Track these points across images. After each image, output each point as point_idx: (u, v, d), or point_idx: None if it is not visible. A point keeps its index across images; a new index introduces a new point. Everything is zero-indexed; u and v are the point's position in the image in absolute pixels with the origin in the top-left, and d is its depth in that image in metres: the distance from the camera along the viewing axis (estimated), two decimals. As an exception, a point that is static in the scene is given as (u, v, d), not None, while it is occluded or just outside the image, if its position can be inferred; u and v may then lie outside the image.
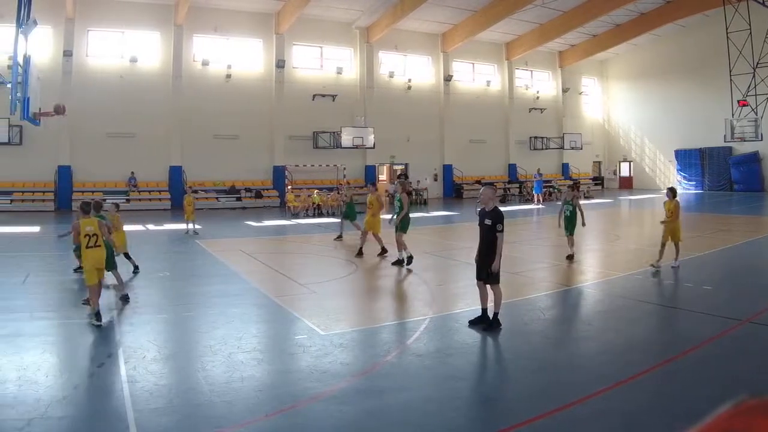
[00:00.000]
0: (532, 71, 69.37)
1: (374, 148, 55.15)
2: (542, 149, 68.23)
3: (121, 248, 18.66)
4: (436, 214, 44.89)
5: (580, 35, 63.84)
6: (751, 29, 50.69)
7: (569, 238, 21.96)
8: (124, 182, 47.17)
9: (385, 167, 61.39)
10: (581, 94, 73.76)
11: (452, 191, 62.15)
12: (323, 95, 54.88)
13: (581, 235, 23.25)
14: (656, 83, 68.48)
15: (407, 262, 20.93)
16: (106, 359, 11.17)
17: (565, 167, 70.63)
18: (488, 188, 13.56)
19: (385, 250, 23.35)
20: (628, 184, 74.20)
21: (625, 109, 74.06)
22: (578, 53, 68.13)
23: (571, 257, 21.66)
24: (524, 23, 58.98)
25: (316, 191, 45.38)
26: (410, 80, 60.20)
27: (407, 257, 21.03)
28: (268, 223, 38.01)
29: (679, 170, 68.17)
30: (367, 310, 15.96)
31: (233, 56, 51.45)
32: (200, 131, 49.48)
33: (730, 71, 52.10)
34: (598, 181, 74.23)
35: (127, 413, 8.66)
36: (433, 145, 61.45)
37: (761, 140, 52.41)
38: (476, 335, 12.72)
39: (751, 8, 50.14)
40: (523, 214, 44.31)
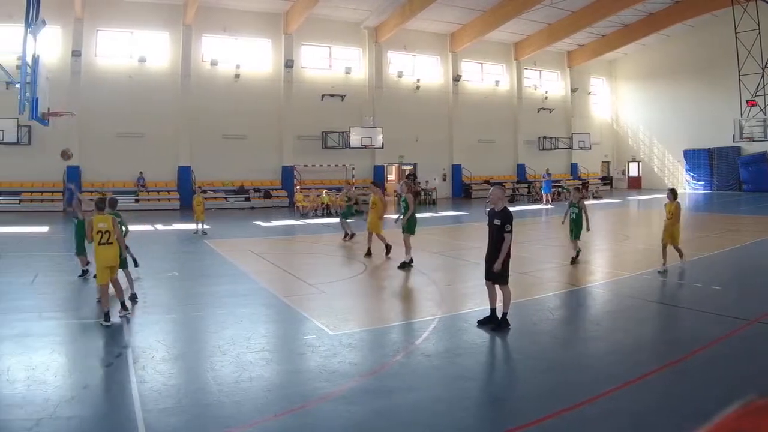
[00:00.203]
0: (540, 71, 69.33)
1: (383, 148, 55.15)
2: (551, 149, 68.19)
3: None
4: (444, 214, 44.85)
5: (588, 35, 63.73)
6: (759, 29, 50.54)
7: (573, 242, 21.63)
8: (132, 182, 47.31)
9: (393, 167, 61.45)
10: (590, 94, 73.69)
11: (461, 191, 62.11)
12: (332, 95, 54.94)
13: (590, 234, 23.12)
14: (665, 83, 68.36)
15: (403, 265, 20.84)
16: (114, 359, 11.18)
17: (573, 167, 70.52)
18: (497, 188, 13.54)
19: (388, 248, 23.32)
20: (636, 184, 74.11)
21: (633, 109, 73.95)
22: (587, 53, 68.03)
23: (575, 260, 21.28)
24: (533, 23, 58.94)
25: (325, 191, 45.38)
26: (419, 80, 60.18)
27: (408, 260, 20.98)
28: (276, 223, 38.03)
29: (687, 170, 68.09)
30: (375, 310, 15.95)
31: (242, 56, 51.51)
32: (209, 131, 49.54)
33: (738, 71, 51.98)
34: (606, 181, 74.15)
35: (135, 413, 8.66)
36: (441, 145, 61.44)
37: (770, 140, 52.37)
38: (485, 335, 12.71)
39: (760, 8, 50.05)
40: (532, 214, 44.24)
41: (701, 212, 45.00)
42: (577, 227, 21.48)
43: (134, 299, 15.53)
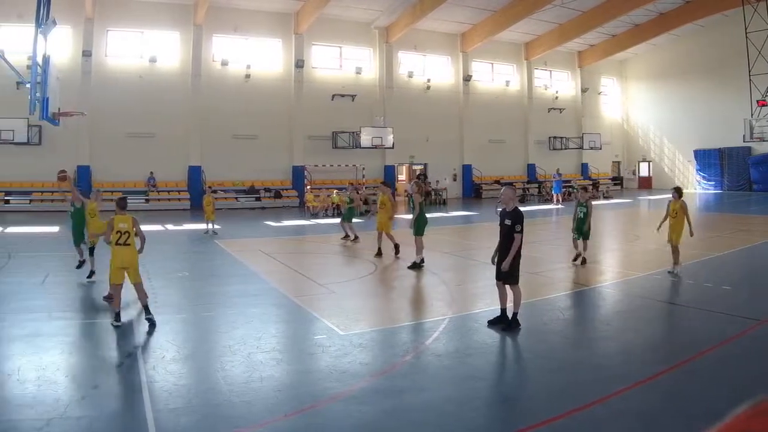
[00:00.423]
0: (551, 71, 69.22)
1: (393, 148, 55.13)
2: (561, 149, 68.09)
3: (94, 239, 18.53)
4: (455, 214, 44.80)
5: (599, 35, 63.60)
6: (770, 29, 50.48)
7: (583, 242, 21.27)
8: (143, 182, 47.39)
9: (404, 167, 61.42)
10: (600, 94, 73.54)
11: (471, 191, 62.05)
12: (342, 95, 54.94)
13: (601, 234, 23.08)
14: (675, 83, 68.17)
15: (413, 265, 20.87)
16: (125, 359, 11.20)
17: (584, 167, 70.39)
18: (508, 188, 13.52)
19: (397, 248, 23.29)
20: (647, 184, 73.92)
21: (644, 109, 73.78)
22: (597, 53, 67.90)
23: (581, 260, 21.08)
24: (543, 23, 58.84)
25: (335, 191, 45.34)
26: (429, 80, 60.13)
27: (418, 261, 20.99)
28: (287, 223, 38.03)
29: (698, 170, 67.89)
30: (386, 310, 15.94)
31: (252, 56, 51.55)
32: (219, 131, 49.59)
33: (749, 71, 51.90)
34: (617, 181, 74.05)
35: (146, 413, 8.67)
36: (452, 145, 61.39)
37: (780, 140, 52.27)
38: (495, 335, 12.70)
39: (770, 8, 49.94)
40: (542, 214, 44.17)
41: (712, 212, 44.94)
42: (583, 226, 21.26)
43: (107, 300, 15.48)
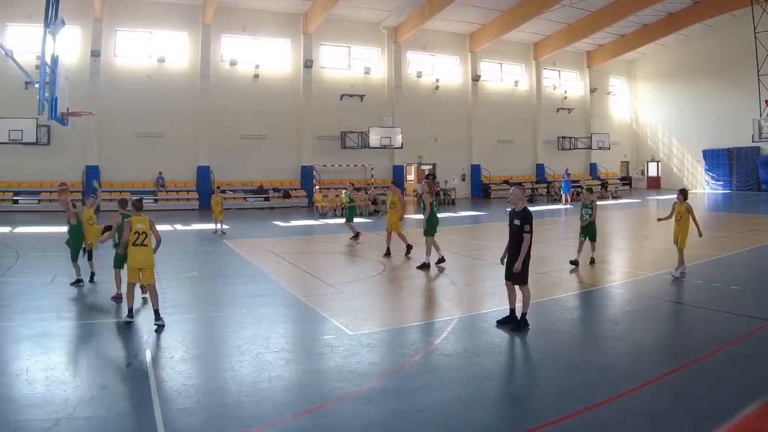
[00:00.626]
0: (559, 71, 69.13)
1: (402, 148, 55.07)
2: (570, 149, 68.00)
3: (93, 244, 18.59)
4: (463, 214, 44.74)
5: (607, 35, 63.50)
6: (779, 29, 50.40)
7: (591, 243, 21.22)
8: (151, 182, 47.48)
9: (413, 167, 61.40)
10: (609, 94, 73.50)
11: (480, 191, 62.00)
12: (351, 95, 54.98)
13: (610, 234, 23.01)
14: (684, 83, 68.11)
15: (422, 265, 20.89)
16: (133, 359, 11.22)
17: (593, 167, 70.27)
18: (517, 188, 13.49)
19: (408, 248, 23.31)
20: (656, 184, 73.82)
21: (652, 109, 73.68)
22: (606, 53, 67.80)
23: (590, 259, 21.08)
24: (552, 23, 58.80)
25: (344, 191, 45.30)
26: (438, 80, 60.10)
27: (438, 258, 21.00)
28: (295, 223, 38.03)
29: (706, 170, 67.81)
30: (394, 310, 15.91)
31: (261, 56, 51.57)
32: (228, 131, 49.62)
33: (758, 71, 51.74)
34: (626, 181, 73.92)
35: (154, 413, 8.69)
36: (460, 145, 61.38)
37: (789, 140, 52.18)
38: (504, 335, 12.70)
39: (779, 8, 49.85)
40: (551, 214, 44.11)
41: (720, 212, 44.85)
42: (591, 228, 21.16)
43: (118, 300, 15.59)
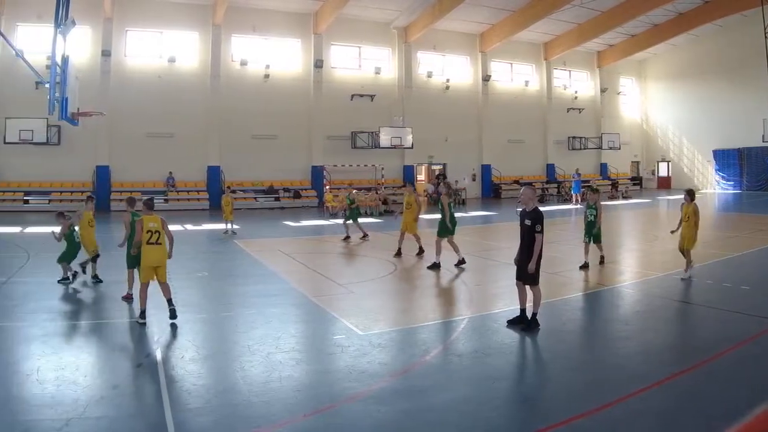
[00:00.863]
0: (570, 71, 69.11)
1: (412, 148, 55.13)
2: (580, 149, 67.93)
3: (92, 249, 18.68)
4: (474, 214, 44.68)
5: (618, 35, 63.43)
6: (789, 30, 50.23)
7: (596, 245, 20.83)
8: (162, 182, 47.57)
9: (423, 167, 61.40)
10: (619, 94, 73.48)
11: (490, 191, 62.00)
12: (361, 95, 55.01)
13: (618, 235, 22.92)
14: (694, 83, 68.02)
15: (433, 266, 20.81)
16: (144, 359, 11.23)
17: (603, 167, 70.24)
18: (528, 188, 13.47)
19: (420, 250, 23.39)
20: (666, 184, 73.70)
21: (663, 109, 73.59)
22: (616, 53, 67.74)
23: (599, 258, 20.92)
24: (562, 23, 58.75)
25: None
26: (448, 80, 60.11)
27: (437, 263, 20.89)
28: (306, 223, 38.03)
29: (717, 170, 67.78)
30: (405, 310, 15.87)
31: (271, 56, 51.65)
32: (238, 131, 49.73)
33: (768, 71, 51.72)
34: (636, 181, 73.87)
35: (165, 413, 8.69)
36: (471, 145, 61.36)
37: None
38: (515, 335, 12.68)
39: (790, 9, 49.70)
40: (561, 214, 44.02)
41: (731, 212, 44.79)
42: (592, 229, 20.71)
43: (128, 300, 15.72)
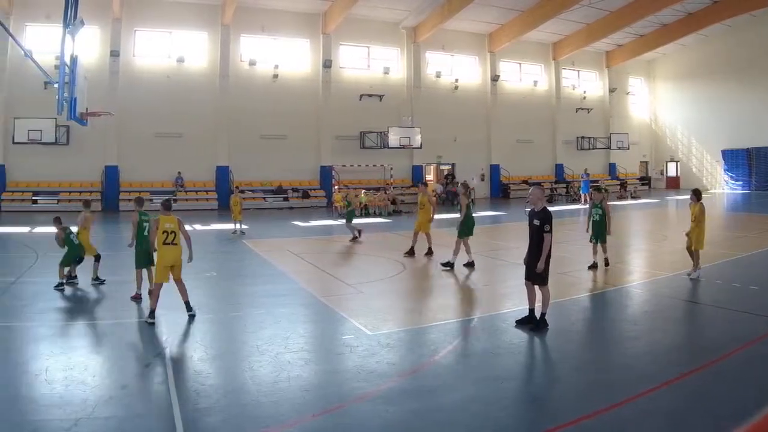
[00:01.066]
0: (578, 71, 68.98)
1: (421, 148, 55.10)
2: (589, 149, 67.81)
3: (90, 250, 18.71)
4: (483, 214, 44.46)
5: (627, 35, 63.33)
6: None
7: (600, 245, 20.50)
8: (171, 182, 47.62)
9: (432, 167, 61.36)
10: (628, 94, 73.34)
11: (499, 191, 61.94)
12: (370, 95, 55.01)
13: (628, 235, 22.91)
14: (703, 83, 67.92)
15: (447, 264, 20.81)
16: (153, 359, 11.23)
17: (612, 167, 70.14)
18: (537, 188, 13.51)
19: (430, 250, 23.43)
20: (675, 184, 73.59)
21: (672, 109, 73.46)
22: (625, 53, 67.61)
23: (604, 261, 20.60)
24: (571, 23, 58.64)
25: (363, 191, 45.36)
26: (457, 80, 60.05)
27: (451, 262, 20.92)
28: (315, 223, 38.03)
29: (726, 170, 67.66)
30: (414, 310, 15.86)
31: (280, 56, 51.67)
32: (247, 131, 49.78)
33: (777, 71, 51.71)
34: (645, 181, 73.73)
35: (174, 413, 8.70)
36: (479, 145, 61.32)
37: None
38: (523, 335, 12.67)
39: (798, 8, 49.70)
40: (570, 214, 43.98)
41: (739, 212, 44.72)
42: (600, 230, 20.46)
43: (137, 300, 15.86)
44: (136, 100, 45.74)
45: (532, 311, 13.18)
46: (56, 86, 20.92)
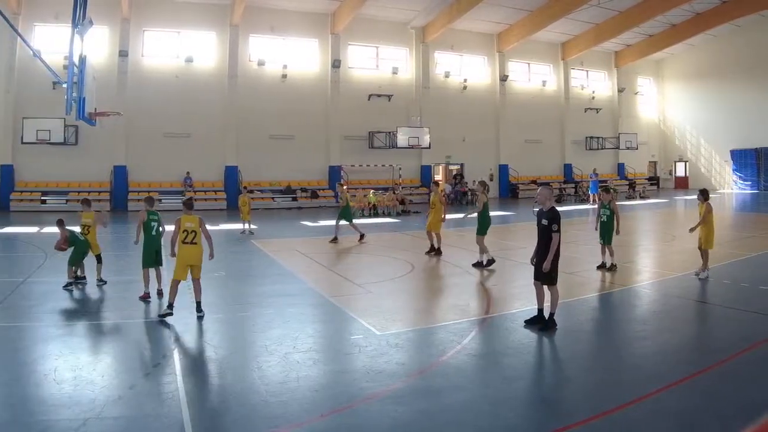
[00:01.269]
0: (587, 71, 68.91)
1: (430, 148, 55.10)
2: (598, 149, 67.73)
3: (95, 249, 18.70)
4: (491, 214, 43.96)
5: (635, 35, 63.25)
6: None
7: (607, 246, 20.30)
8: (179, 182, 47.66)
9: (440, 167, 61.33)
10: (637, 94, 73.25)
11: (508, 191, 61.90)
12: (379, 95, 55.03)
13: (637, 235, 22.87)
14: (712, 83, 67.84)
15: (486, 264, 20.89)
16: (161, 359, 11.23)
17: (620, 167, 70.06)
18: (545, 188, 13.50)
19: (439, 250, 23.50)
20: (683, 184, 73.51)
21: (680, 108, 73.37)
22: (634, 53, 67.55)
23: (609, 267, 20.20)
24: (580, 23, 58.57)
25: (371, 191, 45.38)
26: (466, 80, 60.03)
27: (487, 260, 20.97)
28: (323, 223, 37.89)
29: (734, 170, 67.56)
30: (422, 310, 15.92)
31: (289, 56, 51.73)
32: (256, 131, 49.84)
33: (786, 71, 51.63)
34: (653, 181, 73.66)
35: (182, 413, 8.70)
36: (488, 145, 61.26)
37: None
38: (532, 335, 12.65)
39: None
40: (579, 214, 43.92)
41: (748, 212, 44.64)
42: (608, 230, 20.28)
43: (160, 294, 16.10)
44: (144, 100, 45.84)
45: (541, 311, 13.17)
46: (65, 86, 20.97)
